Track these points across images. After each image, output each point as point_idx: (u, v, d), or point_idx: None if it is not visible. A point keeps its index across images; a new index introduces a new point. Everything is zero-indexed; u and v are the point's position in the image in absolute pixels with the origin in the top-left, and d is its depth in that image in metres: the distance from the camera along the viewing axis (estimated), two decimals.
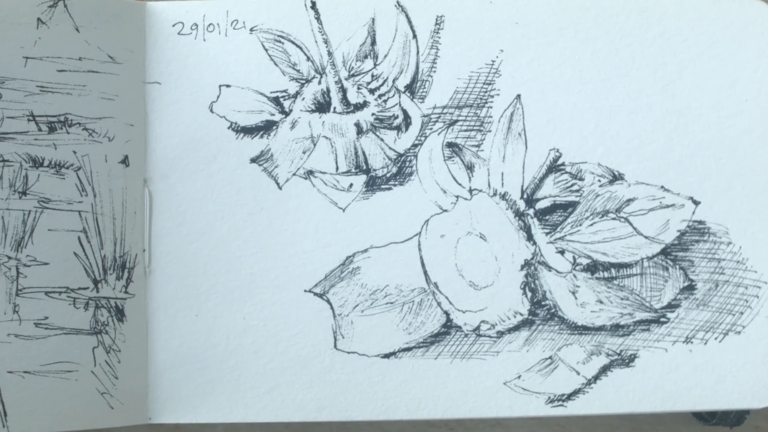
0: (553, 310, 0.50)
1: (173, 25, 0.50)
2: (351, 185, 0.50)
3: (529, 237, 0.50)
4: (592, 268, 0.50)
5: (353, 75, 0.51)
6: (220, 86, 0.50)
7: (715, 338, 0.51)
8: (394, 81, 0.51)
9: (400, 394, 0.50)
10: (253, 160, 0.50)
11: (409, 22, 0.51)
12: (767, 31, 0.52)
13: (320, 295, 0.50)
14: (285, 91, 0.51)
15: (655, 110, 0.51)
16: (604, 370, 0.50)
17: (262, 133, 0.50)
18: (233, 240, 0.50)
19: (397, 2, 0.51)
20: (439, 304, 0.50)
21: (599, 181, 0.50)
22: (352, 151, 0.50)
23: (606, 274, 0.51)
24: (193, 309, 0.50)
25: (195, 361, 0.50)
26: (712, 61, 0.51)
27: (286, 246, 0.50)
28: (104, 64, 0.49)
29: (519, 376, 0.50)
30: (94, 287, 0.49)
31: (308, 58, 0.51)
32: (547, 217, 0.50)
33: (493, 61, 0.51)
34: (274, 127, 0.50)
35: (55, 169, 0.48)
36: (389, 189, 0.51)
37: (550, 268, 0.50)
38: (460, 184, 0.50)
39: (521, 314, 0.50)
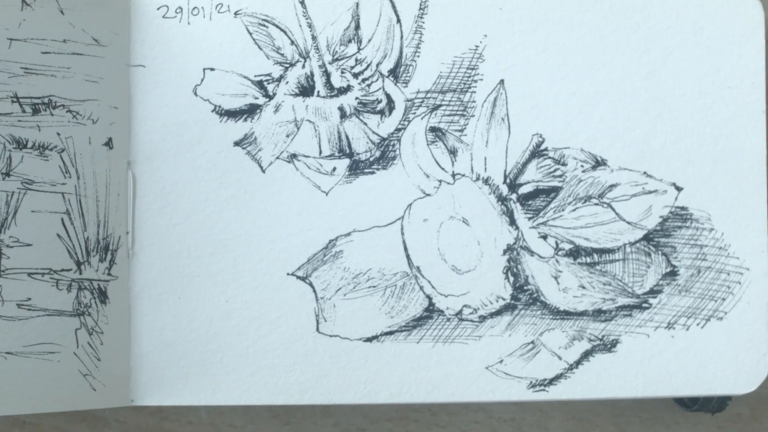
0: (535, 295, 0.51)
1: (158, 9, 0.51)
2: (334, 169, 0.50)
3: (512, 222, 0.51)
4: (575, 253, 0.51)
5: (337, 59, 0.51)
6: (204, 69, 0.50)
7: (697, 324, 0.51)
8: (377, 65, 0.51)
9: (382, 377, 0.50)
10: (236, 144, 0.50)
11: (393, 6, 0.51)
12: (750, 18, 0.52)
13: (303, 279, 0.50)
14: (269, 74, 0.51)
15: (639, 96, 0.51)
16: (586, 355, 0.51)
17: (245, 116, 0.51)
18: (216, 223, 0.50)
19: None
20: (421, 288, 0.50)
21: (582, 166, 0.51)
22: (336, 135, 0.51)
23: (588, 260, 0.51)
24: (176, 292, 0.50)
25: (178, 343, 0.50)
26: (695, 48, 0.51)
27: (269, 229, 0.50)
28: (89, 47, 0.49)
29: (501, 361, 0.50)
30: (77, 269, 0.49)
31: (292, 42, 0.51)
32: (529, 202, 0.51)
33: (477, 46, 0.51)
34: (258, 111, 0.51)
35: (38, 151, 0.48)
36: (372, 173, 0.51)
37: (532, 253, 0.51)
38: (443, 169, 0.50)
39: (503, 299, 0.51)
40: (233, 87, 0.50)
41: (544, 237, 0.51)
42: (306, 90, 0.51)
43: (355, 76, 0.51)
